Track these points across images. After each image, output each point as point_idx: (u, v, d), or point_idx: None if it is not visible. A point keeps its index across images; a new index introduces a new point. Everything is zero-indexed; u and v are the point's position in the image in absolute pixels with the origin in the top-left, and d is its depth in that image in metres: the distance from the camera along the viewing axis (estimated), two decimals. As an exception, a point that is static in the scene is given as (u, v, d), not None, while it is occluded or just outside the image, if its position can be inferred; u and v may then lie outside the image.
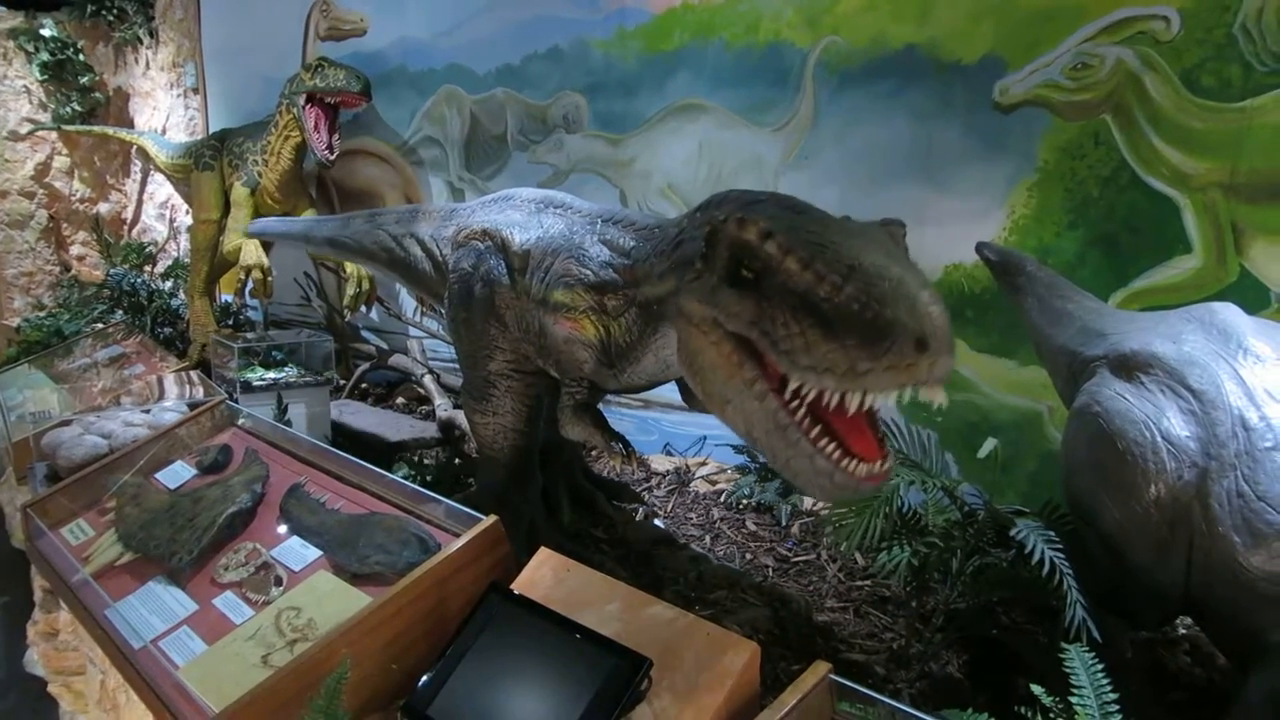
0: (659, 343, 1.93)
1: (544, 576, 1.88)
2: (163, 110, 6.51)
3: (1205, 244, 2.39)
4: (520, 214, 2.40)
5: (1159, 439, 1.70)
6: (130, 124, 6.95)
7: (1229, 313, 1.87)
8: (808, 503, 3.01)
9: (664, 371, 2.06)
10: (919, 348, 1.24)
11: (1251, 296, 2.30)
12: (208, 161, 4.96)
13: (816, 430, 1.41)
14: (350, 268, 4.47)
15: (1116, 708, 1.35)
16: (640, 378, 2.10)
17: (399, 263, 2.97)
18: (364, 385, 4.78)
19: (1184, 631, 2.20)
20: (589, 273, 2.06)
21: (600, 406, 2.26)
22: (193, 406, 3.06)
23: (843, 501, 2.04)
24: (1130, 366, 1.86)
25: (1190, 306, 1.97)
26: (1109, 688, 1.38)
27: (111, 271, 5.98)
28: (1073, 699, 1.37)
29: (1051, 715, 1.40)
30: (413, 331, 4.79)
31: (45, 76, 6.67)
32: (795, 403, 1.42)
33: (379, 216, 3.10)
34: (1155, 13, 2.38)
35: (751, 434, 1.55)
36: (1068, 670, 1.41)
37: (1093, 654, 1.44)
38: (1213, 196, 2.36)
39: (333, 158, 4.39)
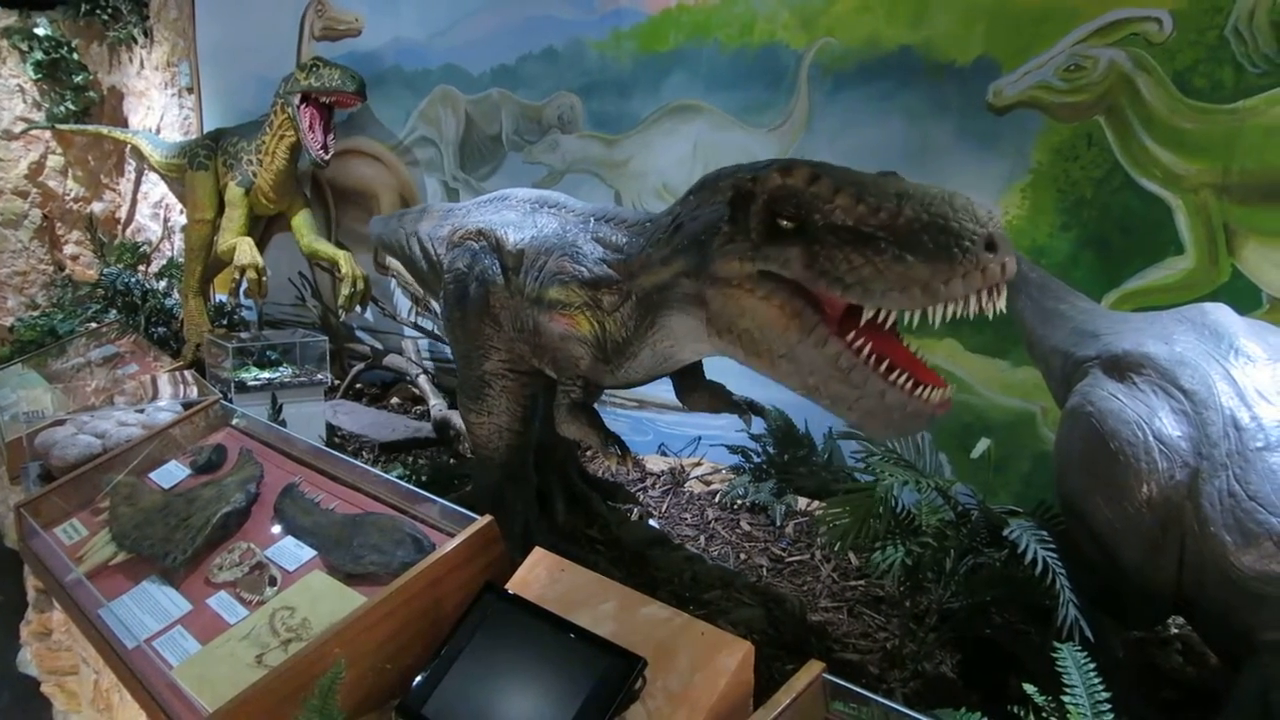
0: (656, 335, 1.94)
1: (539, 576, 1.88)
2: (157, 110, 6.50)
3: (1198, 245, 2.40)
4: (515, 214, 2.40)
5: (1151, 439, 1.71)
6: (124, 123, 6.94)
7: (1221, 313, 1.87)
8: (802, 503, 3.01)
9: (660, 365, 2.07)
10: (989, 248, 1.29)
11: (1243, 297, 2.31)
12: (202, 161, 4.94)
13: (884, 366, 1.44)
14: (345, 267, 4.46)
15: (1108, 707, 1.36)
16: (636, 372, 2.10)
17: (407, 260, 2.99)
18: (359, 385, 4.78)
19: (1176, 631, 2.21)
20: (583, 270, 2.06)
21: (595, 406, 2.27)
22: (187, 406, 3.05)
23: (837, 501, 2.05)
24: (1123, 367, 1.87)
25: (1182, 307, 1.97)
26: (1101, 687, 1.38)
27: (105, 271, 5.97)
28: (1065, 698, 1.38)
29: (1044, 714, 1.40)
30: (407, 331, 4.78)
31: (39, 75, 6.66)
32: (859, 342, 1.45)
33: (404, 215, 3.12)
34: (1148, 15, 2.39)
35: (809, 383, 1.56)
36: (1060, 669, 1.42)
37: (1085, 653, 1.44)
38: (1205, 198, 2.37)
39: (328, 157, 4.39)
